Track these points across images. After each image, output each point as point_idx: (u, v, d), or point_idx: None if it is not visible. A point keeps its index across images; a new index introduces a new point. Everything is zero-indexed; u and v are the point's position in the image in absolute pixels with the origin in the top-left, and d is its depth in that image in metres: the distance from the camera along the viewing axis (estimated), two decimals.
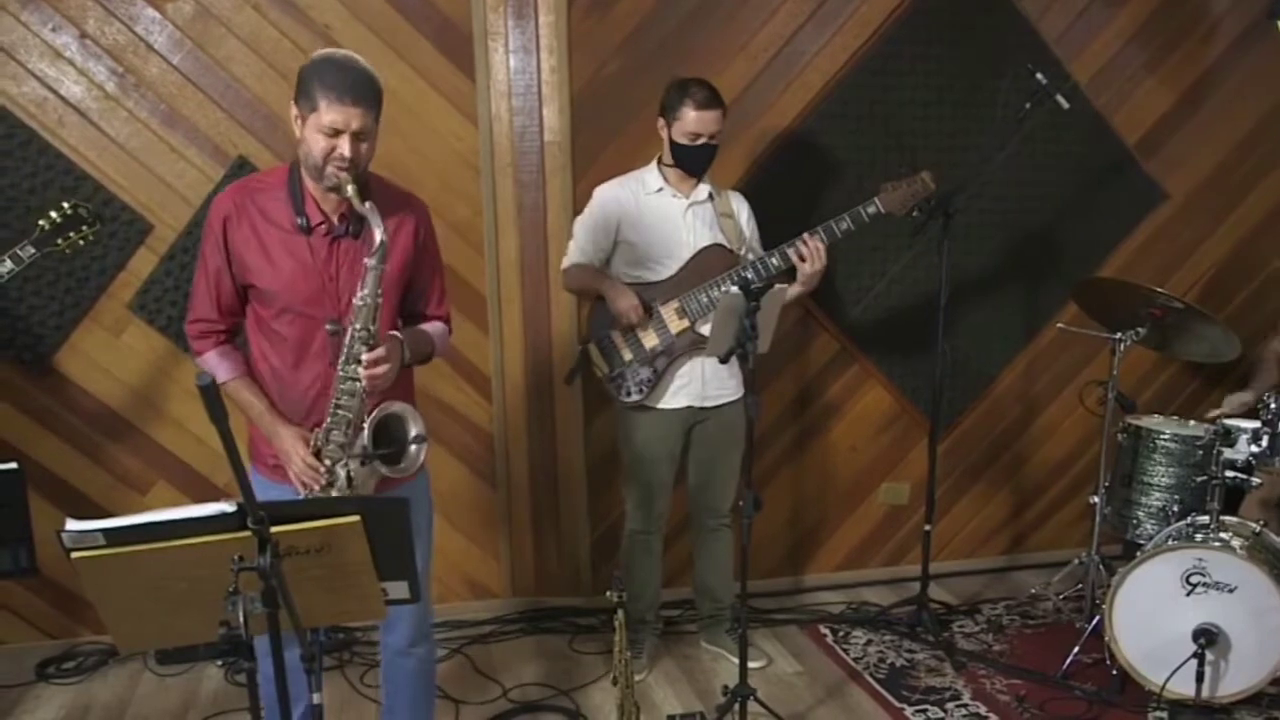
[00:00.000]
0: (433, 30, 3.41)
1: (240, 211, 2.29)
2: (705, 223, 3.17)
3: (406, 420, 2.33)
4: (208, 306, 2.36)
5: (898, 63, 3.64)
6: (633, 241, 3.15)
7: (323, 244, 2.29)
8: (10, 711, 3.29)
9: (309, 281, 2.29)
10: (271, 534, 1.69)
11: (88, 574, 1.77)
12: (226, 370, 2.37)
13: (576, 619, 3.74)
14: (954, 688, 3.21)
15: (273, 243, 2.28)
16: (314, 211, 2.28)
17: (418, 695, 2.69)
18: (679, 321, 3.12)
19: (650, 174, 3.18)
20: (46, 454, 3.46)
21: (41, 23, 3.23)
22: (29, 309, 3.36)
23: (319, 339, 2.30)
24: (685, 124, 3.03)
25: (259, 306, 2.35)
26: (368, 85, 2.18)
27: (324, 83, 2.15)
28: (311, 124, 2.18)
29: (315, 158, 2.19)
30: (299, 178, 2.29)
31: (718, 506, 3.37)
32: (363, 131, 2.18)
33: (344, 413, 2.26)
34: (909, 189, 3.14)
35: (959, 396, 3.93)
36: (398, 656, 2.61)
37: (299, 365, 2.34)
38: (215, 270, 2.33)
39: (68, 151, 3.31)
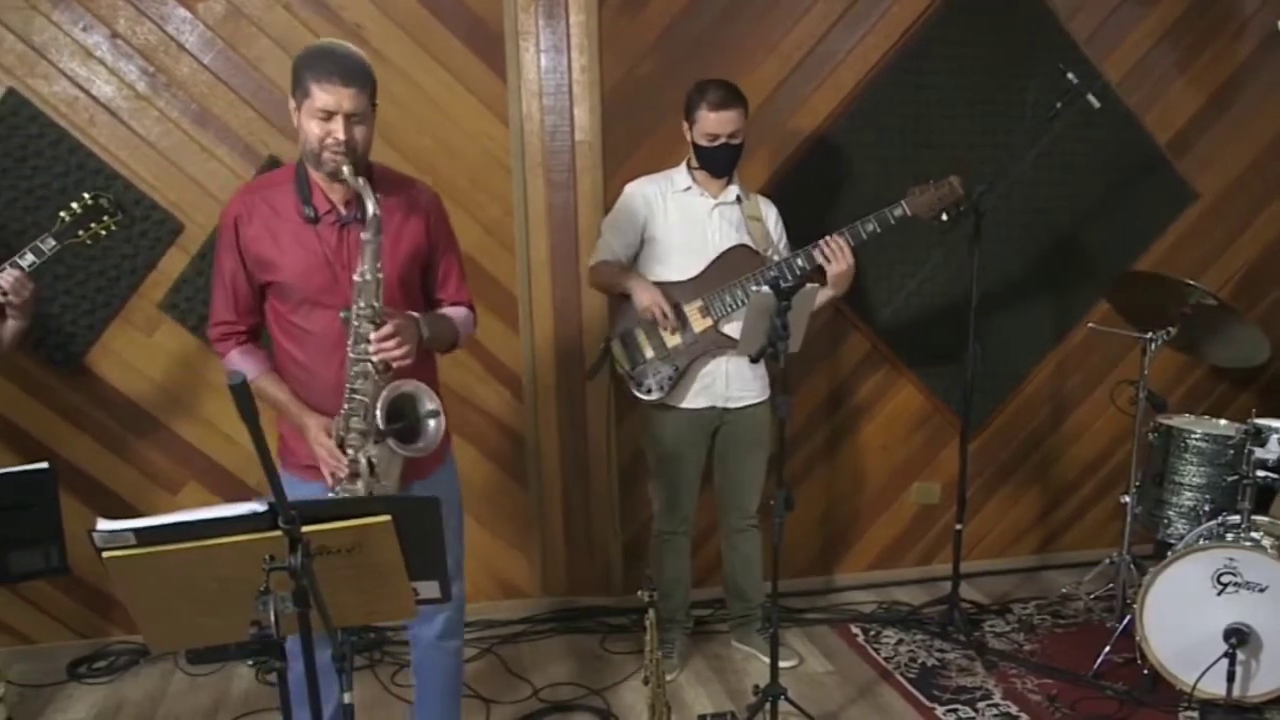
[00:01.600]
0: (464, 29, 3.64)
1: (251, 210, 2.46)
2: (732, 224, 3.37)
3: (419, 398, 2.44)
4: (226, 309, 2.54)
5: (929, 62, 3.86)
6: (658, 239, 3.35)
7: (331, 232, 2.44)
8: (42, 711, 3.51)
9: (321, 271, 2.44)
10: (303, 533, 1.76)
11: (119, 573, 1.85)
12: (251, 367, 2.54)
13: (608, 618, 3.97)
14: (985, 687, 3.40)
15: (283, 235, 2.44)
16: (321, 201, 2.44)
17: (448, 688, 2.87)
18: (703, 320, 3.32)
19: (680, 174, 3.38)
20: (78, 453, 3.69)
21: (72, 22, 3.46)
22: (60, 308, 3.59)
23: (336, 327, 2.42)
24: (703, 125, 3.24)
25: (277, 303, 2.51)
26: (357, 67, 2.35)
27: (313, 68, 2.32)
28: (306, 111, 2.34)
29: (312, 144, 2.34)
30: (305, 170, 2.45)
31: (745, 507, 3.58)
32: (355, 113, 2.33)
33: (360, 397, 2.39)
34: (936, 193, 3.32)
35: (990, 396, 4.15)
36: (430, 649, 2.79)
37: (322, 357, 2.48)
38: (230, 272, 2.50)
39: (98, 151, 3.54)
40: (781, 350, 2.85)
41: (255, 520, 1.81)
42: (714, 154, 3.28)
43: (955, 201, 3.34)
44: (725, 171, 3.35)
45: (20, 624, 3.79)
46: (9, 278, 2.83)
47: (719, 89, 3.24)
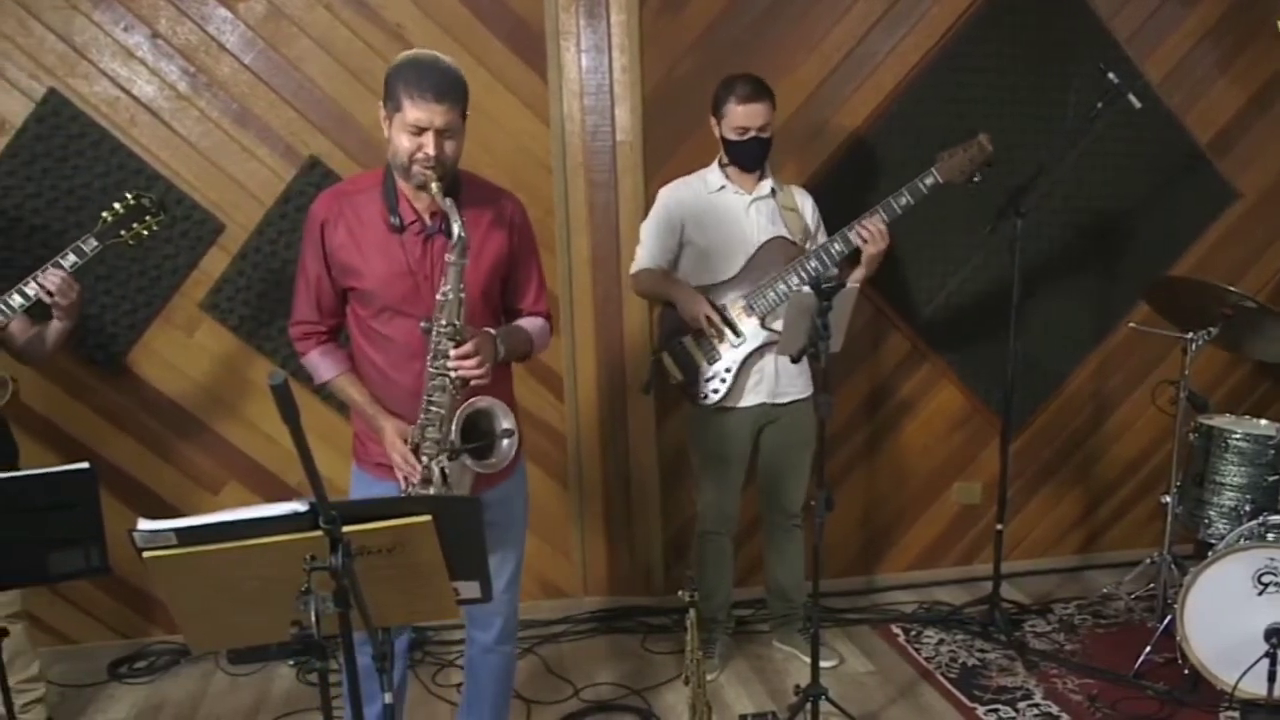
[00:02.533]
0: (505, 30, 3.83)
1: (337, 215, 2.57)
2: (768, 217, 3.52)
3: (495, 415, 2.57)
4: (308, 309, 2.67)
5: (969, 62, 4.04)
6: (698, 242, 3.51)
7: (416, 242, 2.54)
8: (83, 710, 3.70)
9: (403, 280, 2.54)
10: (343, 534, 1.82)
11: (159, 573, 1.93)
12: (330, 368, 2.69)
13: (649, 619, 4.16)
14: (1026, 687, 3.55)
15: (368, 243, 2.55)
16: (407, 210, 2.54)
17: (500, 693, 3.01)
18: (748, 319, 3.46)
19: (712, 173, 3.54)
20: (119, 453, 3.89)
21: (113, 22, 3.66)
22: (101, 308, 3.78)
23: (418, 337, 2.52)
24: (732, 119, 3.39)
25: (359, 307, 2.63)
26: (451, 83, 2.43)
27: (407, 82, 2.39)
28: (397, 124, 2.42)
29: (402, 157, 2.44)
30: (393, 178, 2.55)
31: (789, 506, 3.75)
32: (447, 129, 2.42)
33: (436, 409, 2.50)
34: (965, 154, 3.43)
35: (1031, 396, 4.33)
36: (485, 653, 2.92)
37: (400, 364, 2.59)
38: (315, 275, 2.63)
39: (139, 151, 3.74)
40: (823, 350, 3.00)
41: (296, 520, 1.89)
42: (743, 148, 3.43)
43: (985, 160, 3.45)
44: (756, 165, 3.50)
45: (61, 624, 4.00)
46: (54, 278, 3.00)
47: (746, 82, 3.38)
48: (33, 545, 2.54)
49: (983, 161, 3.46)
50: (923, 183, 3.43)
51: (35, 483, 2.53)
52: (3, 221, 3.69)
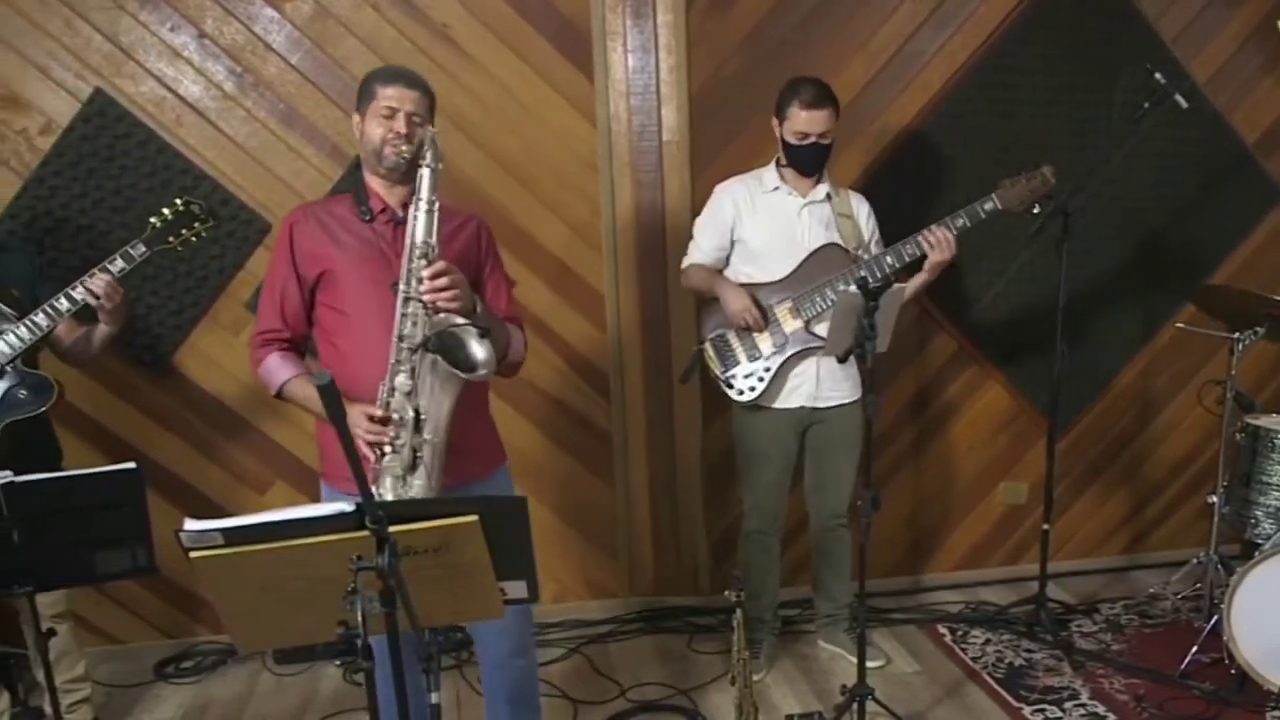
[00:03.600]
0: (551, 30, 4.06)
1: (307, 216, 2.81)
2: (821, 222, 3.72)
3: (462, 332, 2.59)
4: (273, 315, 2.82)
5: (1016, 62, 4.27)
6: (748, 240, 3.72)
7: (387, 228, 2.76)
8: (129, 710, 3.95)
9: (376, 257, 2.73)
10: (390, 533, 1.91)
11: (206, 574, 2.01)
12: (288, 370, 2.81)
13: (695, 619, 4.41)
14: (1072, 687, 3.75)
15: (338, 230, 2.77)
16: (377, 203, 2.78)
17: (518, 709, 3.12)
18: (793, 321, 3.68)
19: (769, 173, 3.76)
20: (165, 453, 4.15)
21: (160, 22, 3.90)
22: (148, 309, 4.03)
23: (388, 314, 2.61)
24: (794, 123, 3.59)
25: (326, 299, 2.77)
26: (420, 78, 2.77)
27: (378, 77, 2.75)
28: (370, 115, 2.72)
29: (374, 143, 2.71)
30: (361, 179, 2.82)
31: (835, 508, 3.96)
32: (417, 114, 2.71)
33: (406, 346, 2.57)
34: (1028, 185, 3.66)
35: (1077, 396, 4.55)
36: (496, 670, 3.08)
37: (372, 346, 2.65)
38: (281, 279, 2.80)
39: (186, 151, 3.98)
40: (869, 350, 3.17)
41: (342, 520, 1.97)
42: (803, 152, 3.64)
43: (1047, 193, 3.68)
44: (814, 170, 3.71)
45: (108, 624, 4.26)
46: (99, 283, 3.20)
47: (812, 87, 3.57)
48: (80, 546, 2.67)
49: (1044, 194, 3.68)
50: (982, 208, 3.65)
51: (82, 483, 2.66)
52: (49, 222, 3.94)
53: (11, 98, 3.85)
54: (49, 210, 3.93)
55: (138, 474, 2.69)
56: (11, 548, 2.58)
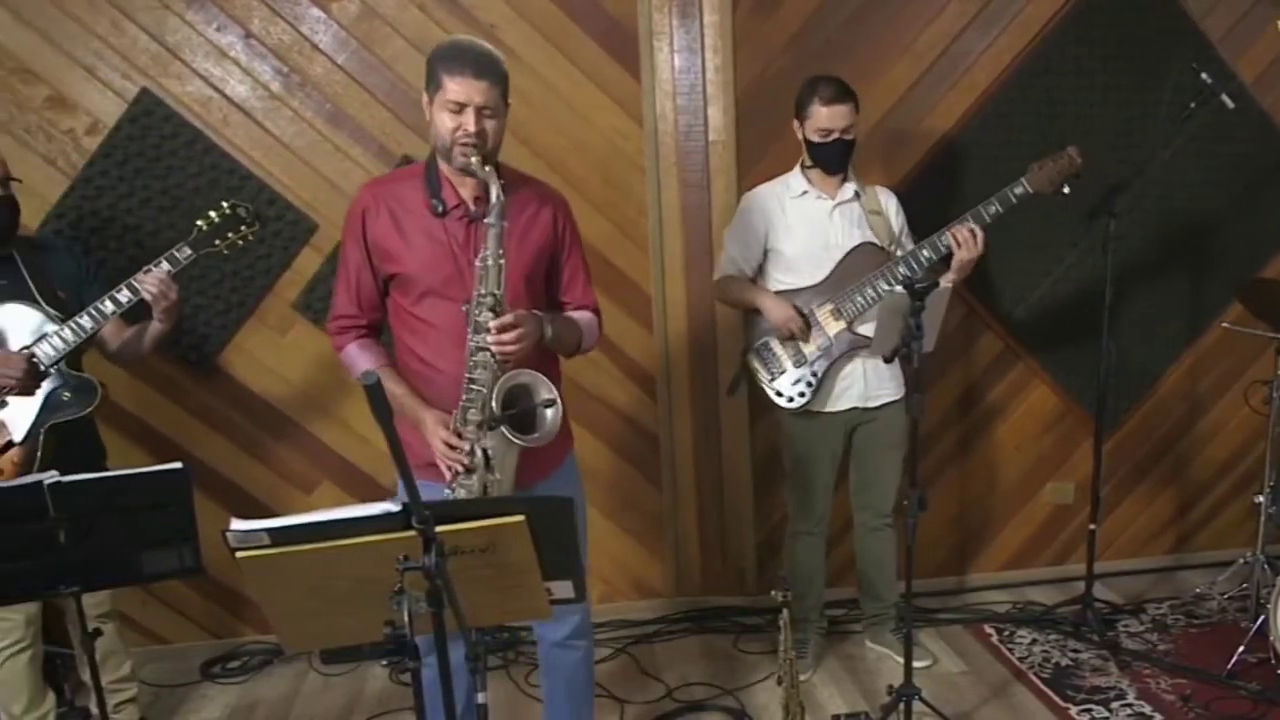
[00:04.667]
0: (598, 30, 4.31)
1: (377, 202, 2.87)
2: (853, 222, 3.92)
3: (535, 387, 2.77)
4: (348, 302, 2.95)
5: (1062, 63, 4.49)
6: (782, 249, 3.92)
7: (459, 227, 2.82)
8: (176, 710, 4.22)
9: (446, 263, 2.80)
10: (437, 533, 1.98)
11: (252, 574, 2.11)
12: (368, 361, 2.93)
13: (741, 618, 4.67)
14: (1119, 687, 3.96)
15: (410, 227, 2.83)
16: (450, 195, 2.82)
17: (579, 689, 3.32)
18: (835, 323, 3.88)
19: (795, 177, 3.95)
20: (212, 453, 4.42)
21: (207, 22, 4.15)
22: (194, 309, 4.29)
23: (460, 323, 2.75)
24: (816, 120, 3.78)
25: (400, 296, 2.90)
26: (490, 62, 2.72)
27: (446, 61, 2.70)
28: (438, 104, 2.72)
29: (443, 137, 2.73)
30: (435, 165, 2.85)
31: (881, 507, 4.18)
32: (487, 106, 2.71)
33: (477, 388, 2.72)
34: (1055, 165, 3.82)
35: (1124, 396, 4.81)
36: (556, 649, 3.23)
37: (444, 352, 2.83)
38: (355, 265, 2.92)
39: (232, 151, 4.25)
40: (915, 350, 3.30)
41: (389, 520, 2.06)
42: (827, 150, 3.82)
43: (1074, 173, 3.84)
44: (839, 168, 3.89)
45: (154, 624, 4.55)
46: (153, 280, 3.39)
47: (830, 84, 3.77)
48: (126, 546, 2.78)
49: (1072, 173, 3.85)
50: (1012, 192, 3.82)
51: (129, 483, 2.77)
52: (96, 222, 4.20)
53: (58, 98, 4.11)
54: (95, 210, 4.19)
55: (184, 474, 2.80)
56: (58, 548, 2.69)
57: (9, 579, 2.73)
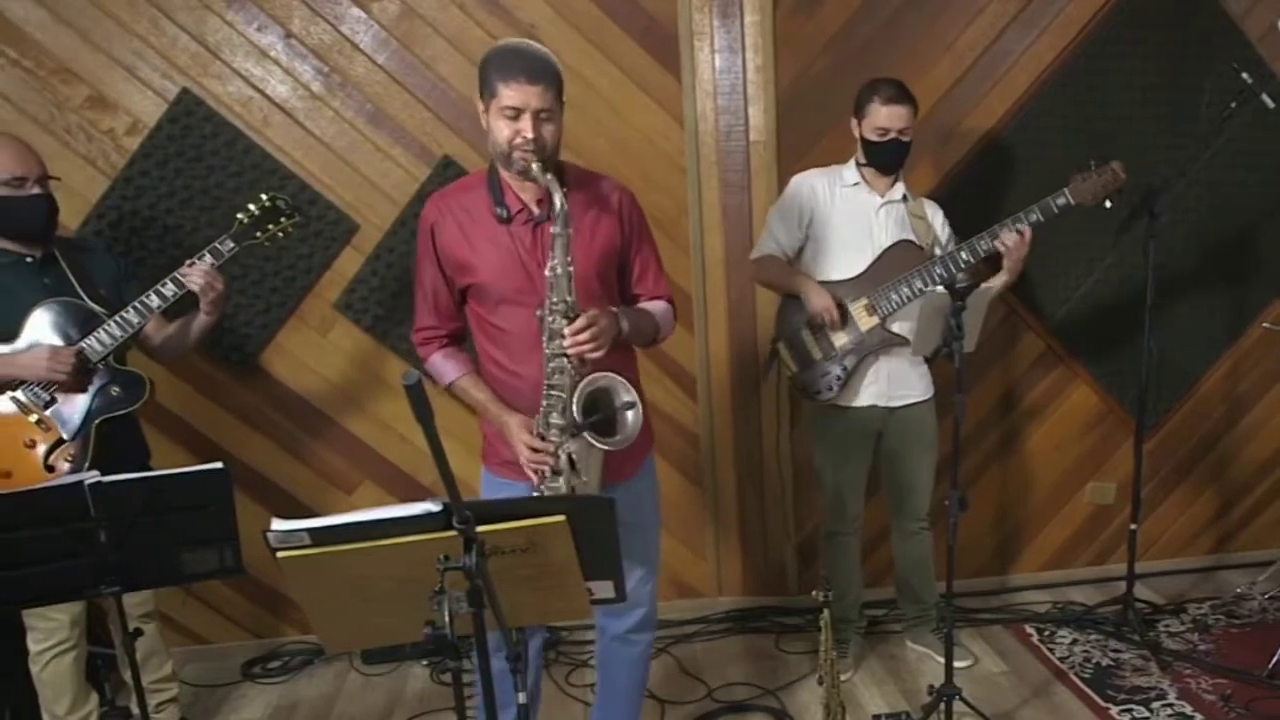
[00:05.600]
0: (638, 30, 4.53)
1: (444, 214, 3.03)
2: (897, 221, 4.11)
3: (615, 390, 2.92)
4: (427, 314, 3.15)
5: (1102, 63, 4.71)
6: (823, 236, 4.10)
7: (525, 231, 2.97)
8: (216, 710, 4.45)
9: (516, 270, 2.95)
10: (477, 533, 2.07)
11: (293, 574, 2.19)
12: (453, 369, 3.15)
13: (782, 618, 4.90)
14: (1160, 687, 4.15)
15: (477, 236, 2.98)
16: (513, 201, 2.97)
17: (634, 684, 3.52)
18: (869, 318, 4.05)
19: (848, 169, 4.15)
20: (253, 453, 4.66)
21: (247, 22, 4.37)
22: (235, 308, 4.52)
23: (536, 328, 2.90)
24: (874, 119, 3.99)
25: (476, 305, 3.07)
26: (544, 65, 2.83)
27: (499, 67, 2.82)
28: (494, 111, 2.84)
29: (501, 144, 2.85)
30: (496, 172, 2.98)
31: (915, 510, 4.37)
32: (544, 110, 2.82)
33: (557, 393, 2.87)
34: (1099, 179, 3.99)
35: (1165, 395, 5.04)
36: (617, 642, 3.41)
37: (521, 356, 3.00)
38: (430, 279, 3.10)
39: (273, 151, 4.47)
40: (957, 350, 3.50)
41: (430, 520, 2.14)
42: (883, 149, 4.02)
43: (1118, 188, 4.01)
44: (893, 168, 4.10)
45: (195, 624, 4.79)
46: (199, 272, 3.59)
47: (891, 84, 3.98)
48: (167, 546, 2.90)
49: (1115, 188, 4.03)
50: (1055, 203, 4.01)
51: (170, 483, 2.88)
52: (136, 222, 4.43)
53: (98, 98, 4.33)
54: (136, 210, 4.42)
55: (225, 474, 2.90)
56: (99, 548, 2.81)
57: (51, 579, 2.85)
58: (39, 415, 3.53)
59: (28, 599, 3.12)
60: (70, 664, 3.73)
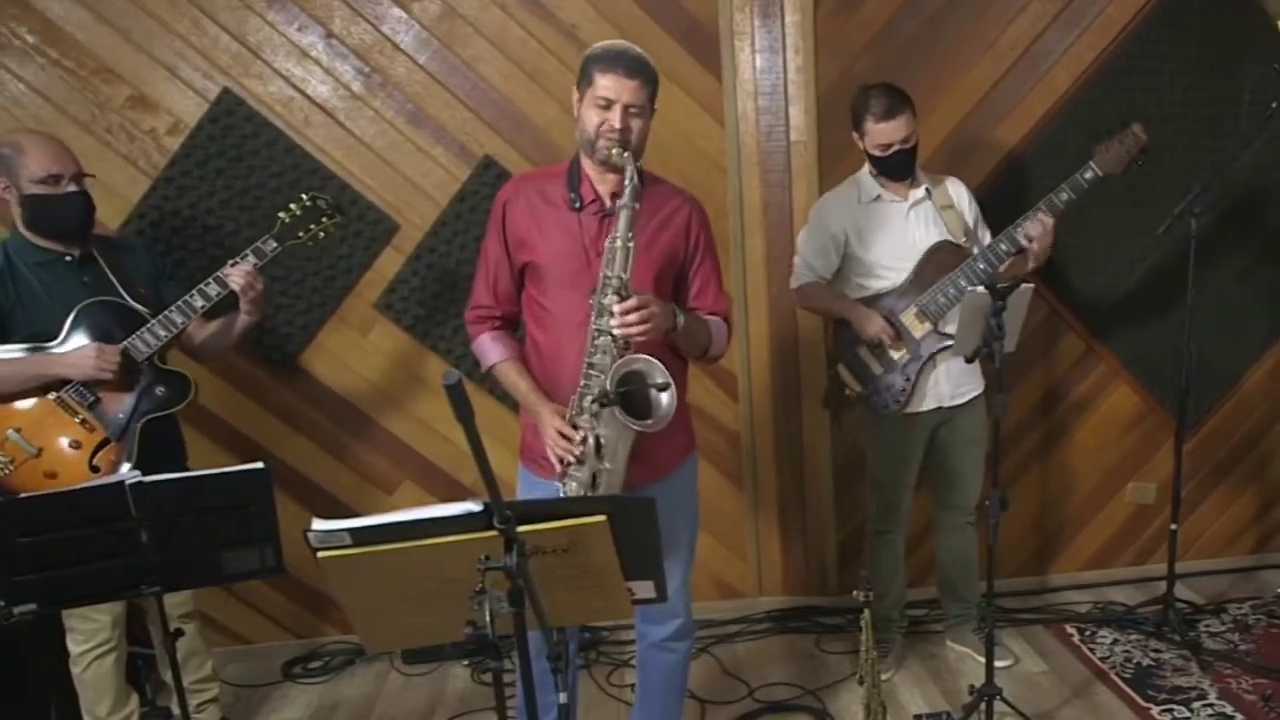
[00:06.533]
0: (679, 30, 4.74)
1: (519, 194, 3.25)
2: (928, 220, 4.26)
3: (650, 373, 3.01)
4: (485, 292, 3.33)
5: (1143, 63, 4.89)
6: (861, 254, 4.27)
7: (593, 221, 3.17)
8: (257, 710, 4.68)
9: (576, 255, 3.14)
10: (518, 533, 2.14)
11: (334, 574, 2.27)
12: (499, 352, 3.32)
13: (823, 619, 5.13)
14: (1200, 687, 4.31)
15: (546, 218, 3.19)
16: (588, 191, 3.18)
17: (672, 690, 3.66)
18: (921, 325, 4.22)
19: (865, 180, 4.30)
20: (293, 453, 4.90)
21: (288, 22, 4.60)
22: (276, 308, 4.75)
23: (584, 314, 3.08)
24: (874, 136, 4.14)
25: (532, 287, 3.25)
26: (642, 63, 3.09)
27: (599, 59, 3.07)
28: (587, 100, 3.08)
29: (589, 132, 3.08)
30: (578, 162, 3.22)
31: (964, 504, 4.54)
32: (635, 105, 3.06)
33: (595, 373, 3.01)
34: (1121, 145, 4.16)
35: (1206, 395, 5.22)
36: (655, 649, 3.56)
37: (566, 342, 3.16)
38: (494, 256, 3.29)
39: (314, 151, 4.70)
40: (997, 350, 3.63)
41: (470, 520, 2.21)
42: (889, 161, 4.18)
43: (1141, 148, 4.17)
44: (906, 175, 4.25)
45: (235, 624, 5.04)
46: (240, 272, 3.72)
47: (881, 98, 4.10)
48: (208, 546, 3.01)
49: (1139, 149, 4.18)
50: (1083, 177, 4.16)
51: (211, 483, 2.99)
52: (177, 222, 4.66)
53: (140, 98, 4.57)
54: (177, 210, 4.66)
55: (266, 474, 3.01)
56: (139, 548, 2.91)
57: (92, 579, 2.96)
58: (84, 415, 3.68)
59: (69, 599, 3.23)
60: (111, 665, 3.89)
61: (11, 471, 3.63)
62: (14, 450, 3.64)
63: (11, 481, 3.62)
